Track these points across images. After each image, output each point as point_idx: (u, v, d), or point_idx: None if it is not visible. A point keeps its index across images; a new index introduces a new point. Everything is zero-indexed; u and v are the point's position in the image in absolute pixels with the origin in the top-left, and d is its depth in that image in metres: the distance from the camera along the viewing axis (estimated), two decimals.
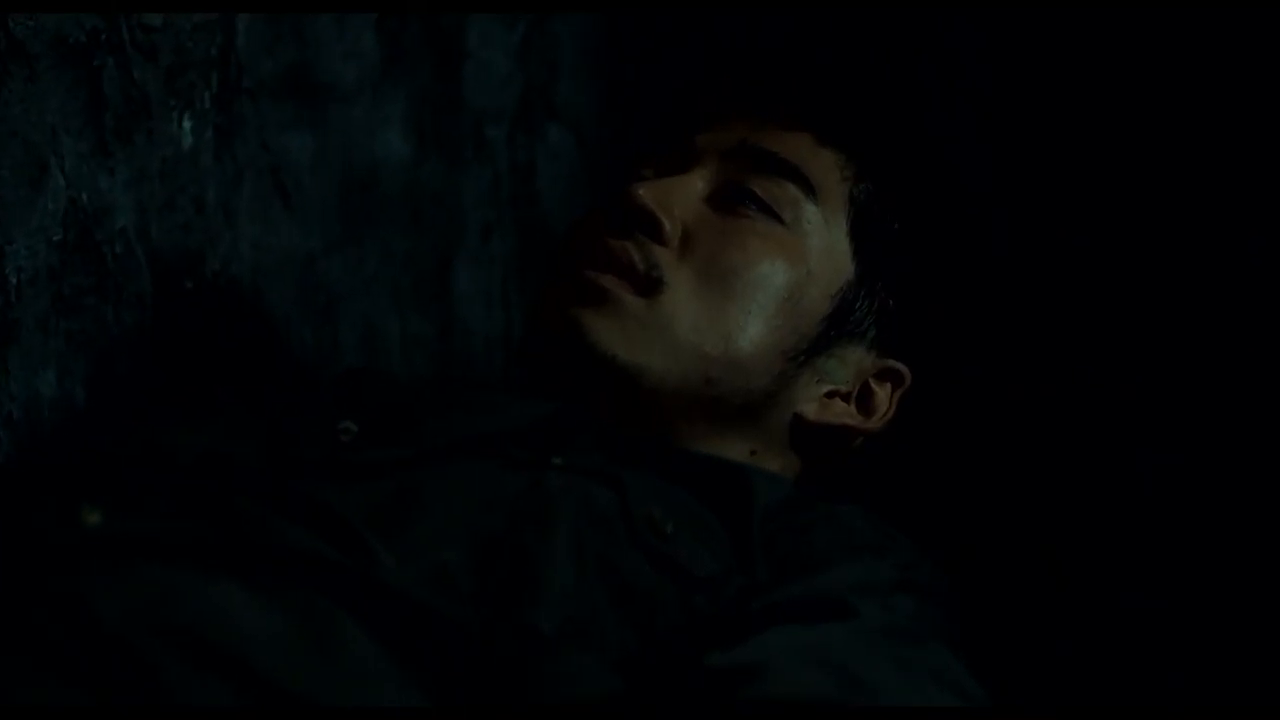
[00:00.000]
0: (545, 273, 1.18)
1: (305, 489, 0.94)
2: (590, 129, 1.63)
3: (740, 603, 0.95)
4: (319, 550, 0.89)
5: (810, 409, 1.14)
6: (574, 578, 0.92)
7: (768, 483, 1.04)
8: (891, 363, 1.17)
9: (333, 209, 1.38)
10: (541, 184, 1.60)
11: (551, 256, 1.18)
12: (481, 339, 1.53)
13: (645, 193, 1.11)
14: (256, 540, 0.89)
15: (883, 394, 1.16)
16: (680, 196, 1.12)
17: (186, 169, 1.22)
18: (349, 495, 0.94)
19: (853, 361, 1.15)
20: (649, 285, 1.09)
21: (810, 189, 1.14)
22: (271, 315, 1.32)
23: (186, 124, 1.22)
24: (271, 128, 1.31)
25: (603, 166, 1.60)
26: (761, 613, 0.92)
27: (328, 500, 0.93)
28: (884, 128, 1.28)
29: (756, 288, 1.10)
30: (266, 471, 0.97)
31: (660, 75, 1.60)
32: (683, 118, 1.21)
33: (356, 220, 1.41)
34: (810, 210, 1.14)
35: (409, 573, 0.89)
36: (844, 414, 1.15)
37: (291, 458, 0.99)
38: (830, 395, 1.14)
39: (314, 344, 1.37)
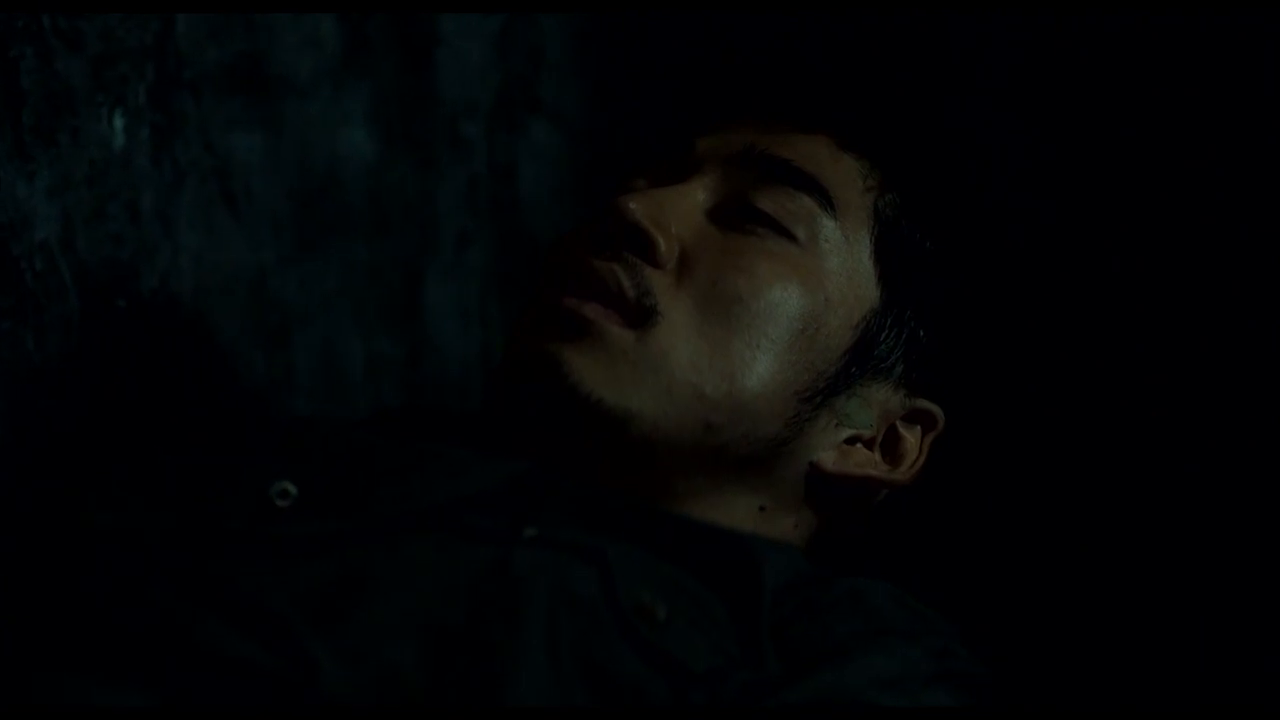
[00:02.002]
0: (525, 293, 1.09)
1: (230, 571, 0.84)
2: (579, 126, 1.54)
3: (745, 702, 0.83)
4: (242, 651, 0.79)
5: (828, 458, 1.02)
6: (548, 677, 0.81)
7: (779, 558, 0.92)
8: (922, 403, 1.05)
9: (287, 217, 1.30)
10: (524, 187, 1.51)
11: (533, 272, 1.09)
12: (456, 362, 1.45)
13: (636, 206, 1.00)
14: (167, 639, 0.79)
15: (912, 439, 1.05)
16: (677, 210, 1.02)
17: (118, 173, 1.15)
18: (281, 579, 0.84)
19: (877, 402, 1.04)
20: (640, 315, 0.98)
21: (828, 201, 1.03)
22: (217, 339, 1.25)
23: (118, 122, 1.15)
24: (216, 126, 1.24)
25: (593, 168, 1.52)
26: (771, 716, 0.82)
27: (254, 587, 0.83)
28: (911, 129, 1.16)
29: (765, 318, 0.99)
30: (186, 549, 0.87)
31: (657, 68, 1.52)
32: (682, 118, 1.11)
33: (314, 230, 1.33)
34: (828, 226, 1.03)
35: (351, 677, 0.79)
36: (867, 463, 1.03)
37: (216, 530, 0.89)
38: (851, 441, 1.03)
39: (266, 371, 1.29)
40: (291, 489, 0.90)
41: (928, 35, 1.28)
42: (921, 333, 1.05)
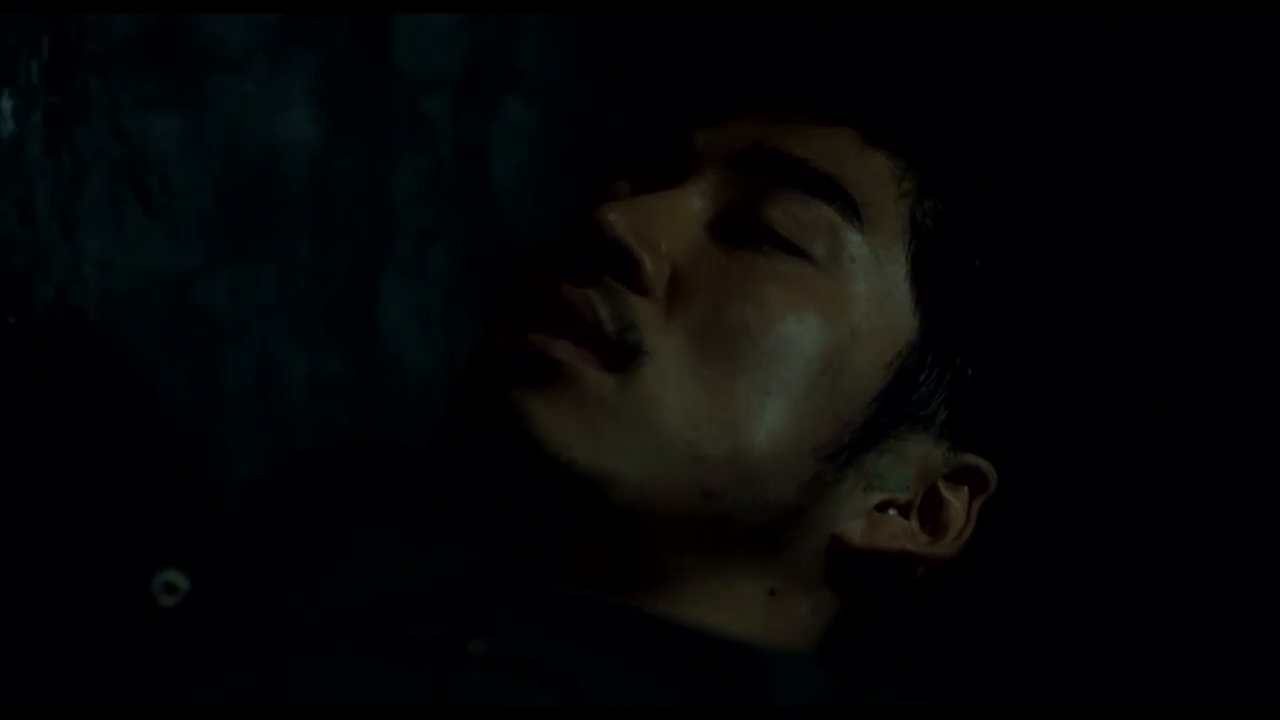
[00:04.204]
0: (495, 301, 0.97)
1: (87, 701, 0.70)
2: (560, 102, 1.43)
3: None
4: None
5: (855, 529, 0.86)
6: None
7: (795, 675, 0.75)
8: (969, 458, 0.89)
9: (214, 215, 1.20)
10: (496, 174, 1.40)
11: (505, 273, 0.96)
12: (416, 379, 1.34)
13: (618, 218, 0.84)
14: None
15: (957, 503, 0.88)
16: (668, 223, 0.86)
17: (7, 165, 1.07)
18: (152, 713, 0.69)
19: (915, 459, 0.88)
20: (622, 354, 0.83)
21: (853, 210, 0.87)
22: (129, 360, 1.15)
23: (5, 104, 1.06)
24: (127, 107, 1.13)
25: (577, 152, 1.42)
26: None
27: None
28: (954, 120, 1.01)
29: (777, 356, 0.84)
30: (34, 673, 0.72)
31: (654, 38, 1.40)
32: (680, 99, 1.00)
33: (247, 229, 1.22)
34: (853, 241, 0.87)
35: None
36: (903, 535, 0.87)
37: (75, 643, 0.74)
38: (883, 508, 0.87)
39: (190, 396, 1.17)
40: (181, 582, 0.75)
41: (968, 11, 1.15)
42: (969, 371, 0.89)
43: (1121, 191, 1.07)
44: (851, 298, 0.86)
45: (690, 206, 0.87)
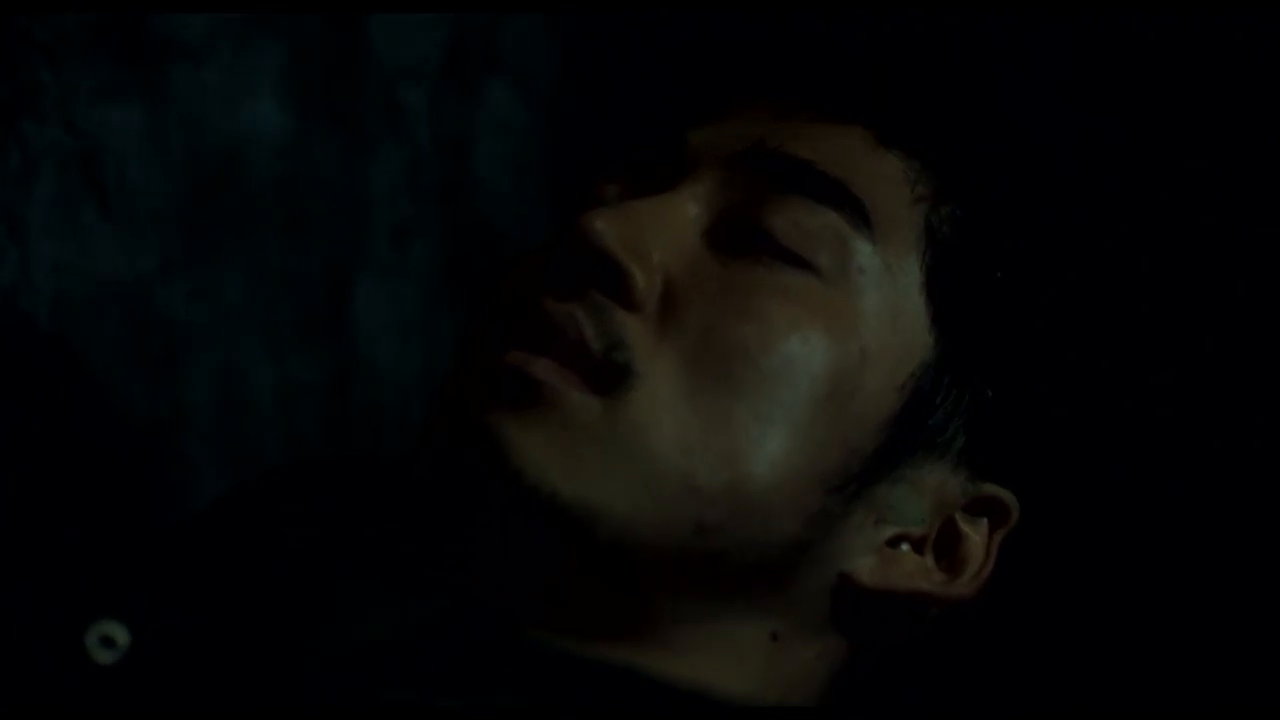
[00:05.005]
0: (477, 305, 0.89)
1: None
2: (547, 91, 1.40)
3: None
4: None
5: (864, 567, 0.80)
6: None
7: None
8: (989, 488, 0.83)
9: (175, 214, 1.17)
10: (479, 167, 1.37)
11: (488, 274, 0.93)
12: (393, 387, 1.30)
13: (605, 226, 0.78)
14: None
15: (977, 538, 0.82)
16: (661, 231, 0.80)
17: None
18: None
19: (930, 489, 0.82)
20: (609, 376, 0.77)
21: (862, 217, 0.81)
22: (83, 370, 1.12)
23: None
24: (81, 99, 1.11)
25: (566, 143, 1.38)
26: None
27: None
28: (973, 118, 0.95)
29: (779, 379, 0.78)
30: None
31: (649, 22, 1.36)
32: (673, 100, 0.92)
33: (210, 228, 1.19)
34: (863, 251, 0.81)
35: None
36: (917, 573, 0.81)
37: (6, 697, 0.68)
38: (895, 543, 0.81)
39: (149, 408, 1.14)
40: (120, 636, 0.69)
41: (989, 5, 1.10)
42: (989, 393, 0.83)
43: (1154, 195, 1.02)
44: (861, 313, 0.80)
45: (685, 213, 0.81)
